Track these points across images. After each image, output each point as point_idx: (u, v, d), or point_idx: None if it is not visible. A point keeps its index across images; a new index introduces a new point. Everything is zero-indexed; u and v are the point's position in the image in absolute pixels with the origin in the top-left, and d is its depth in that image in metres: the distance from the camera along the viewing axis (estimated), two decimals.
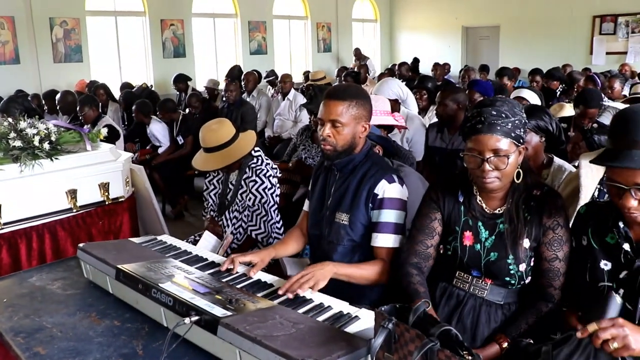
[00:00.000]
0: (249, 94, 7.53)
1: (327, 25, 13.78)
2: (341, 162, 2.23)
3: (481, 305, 1.91)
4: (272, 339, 1.40)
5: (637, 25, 11.61)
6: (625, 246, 1.67)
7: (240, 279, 1.98)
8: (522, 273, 1.87)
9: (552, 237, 1.84)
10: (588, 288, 1.75)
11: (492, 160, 1.78)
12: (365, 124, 2.19)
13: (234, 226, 3.12)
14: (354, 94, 2.18)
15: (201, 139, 3.10)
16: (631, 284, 1.64)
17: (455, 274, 1.98)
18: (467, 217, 1.96)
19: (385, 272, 2.15)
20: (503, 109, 1.79)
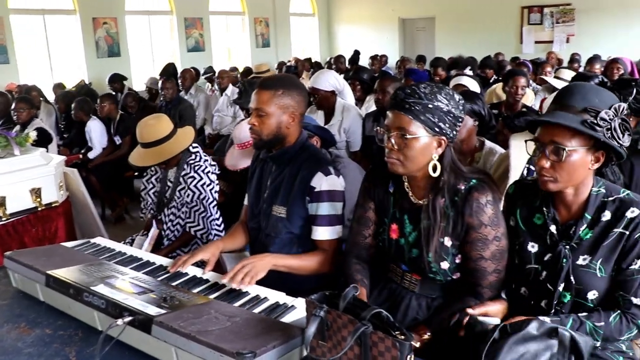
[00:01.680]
0: (186, 92, 7.42)
1: (265, 20, 13.70)
2: (276, 154, 2.22)
3: (412, 298, 1.89)
4: (207, 334, 1.40)
5: (561, 16, 12.13)
6: (551, 228, 1.70)
7: (176, 276, 1.96)
8: (446, 271, 1.81)
9: (474, 236, 1.74)
10: (518, 270, 1.78)
11: (395, 138, 1.71)
12: (294, 114, 2.15)
13: (172, 223, 3.07)
14: (282, 83, 2.16)
15: (138, 135, 3.03)
16: (554, 267, 1.68)
17: (389, 266, 1.98)
18: (395, 209, 1.90)
19: (327, 262, 2.17)
20: (422, 91, 1.70)
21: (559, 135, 1.57)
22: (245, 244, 2.44)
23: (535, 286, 1.73)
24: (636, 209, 1.61)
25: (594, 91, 1.66)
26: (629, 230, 1.61)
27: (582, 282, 1.65)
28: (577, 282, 1.65)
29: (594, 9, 11.53)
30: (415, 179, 1.82)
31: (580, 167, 1.60)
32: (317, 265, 2.16)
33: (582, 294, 1.65)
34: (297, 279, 2.15)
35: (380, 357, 1.24)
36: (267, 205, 2.26)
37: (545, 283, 1.69)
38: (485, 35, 12.42)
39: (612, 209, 1.64)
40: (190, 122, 6.33)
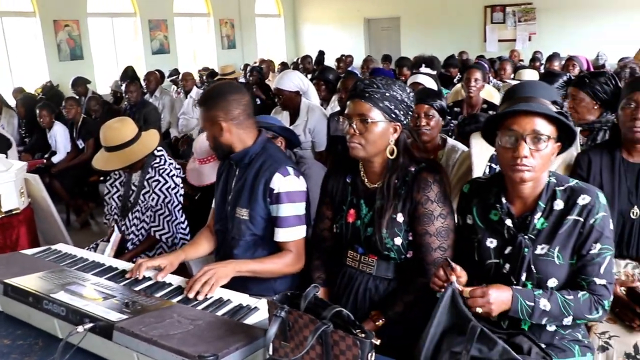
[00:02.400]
0: (151, 95, 7.34)
1: (230, 22, 13.61)
2: (237, 156, 2.24)
3: (369, 280, 1.98)
4: (169, 338, 1.39)
5: (522, 15, 12.39)
6: (507, 222, 1.75)
7: (139, 281, 1.95)
8: (399, 247, 1.92)
9: (421, 212, 1.89)
10: (478, 266, 1.82)
11: (357, 124, 1.87)
12: (224, 121, 2.15)
13: (136, 227, 3.04)
14: (207, 97, 2.23)
15: (102, 138, 2.98)
16: (515, 259, 1.72)
17: (346, 253, 2.05)
18: (352, 197, 2.04)
19: (294, 262, 2.18)
20: (379, 82, 1.89)
21: (540, 124, 1.62)
22: (210, 250, 2.42)
23: (497, 280, 1.76)
24: (587, 195, 1.68)
25: (547, 88, 1.78)
26: (582, 217, 1.67)
27: (542, 271, 1.70)
28: (537, 271, 1.70)
29: (554, 9, 11.80)
30: (370, 165, 1.98)
31: (550, 157, 1.67)
32: (283, 268, 2.17)
33: (543, 282, 1.70)
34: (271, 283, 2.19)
35: (342, 355, 1.26)
36: (231, 208, 2.27)
37: (508, 276, 1.73)
38: (449, 35, 12.59)
39: (564, 197, 1.70)
40: (155, 125, 6.25)
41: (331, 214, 2.12)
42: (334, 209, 2.11)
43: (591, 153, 2.36)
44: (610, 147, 2.32)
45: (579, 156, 2.40)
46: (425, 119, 2.78)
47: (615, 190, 2.23)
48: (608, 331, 2.03)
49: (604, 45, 9.36)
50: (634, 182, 2.23)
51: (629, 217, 2.20)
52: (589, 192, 1.68)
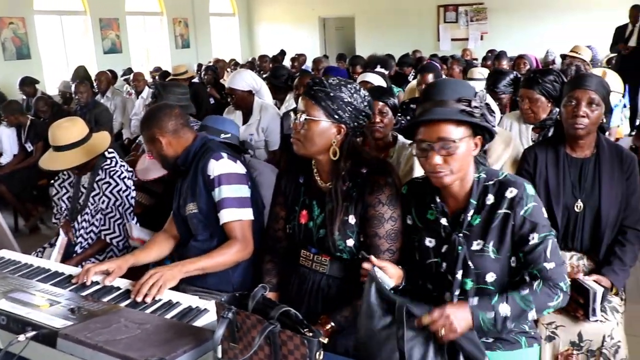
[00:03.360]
0: (102, 95, 7.18)
1: (184, 21, 13.41)
2: (181, 160, 2.31)
3: (322, 279, 1.97)
4: (115, 343, 1.37)
5: (474, 15, 12.64)
6: (442, 221, 1.77)
7: (86, 286, 1.90)
8: (352, 248, 1.91)
9: (372, 213, 1.88)
10: (420, 266, 1.84)
11: (300, 120, 1.88)
12: (162, 135, 2.27)
13: (85, 231, 2.97)
14: (145, 120, 2.35)
15: (50, 137, 2.89)
16: (451, 257, 1.75)
17: (300, 252, 2.04)
18: (305, 197, 2.04)
19: (242, 248, 2.18)
20: (328, 82, 1.89)
21: (445, 130, 1.63)
22: (164, 255, 2.40)
23: (437, 279, 1.80)
24: (514, 188, 1.69)
25: (458, 84, 1.78)
26: (511, 210, 1.68)
27: (479, 266, 1.72)
28: (474, 267, 1.72)
29: (504, 8, 12.06)
30: (320, 164, 1.98)
31: (467, 155, 1.68)
32: (231, 256, 2.17)
33: (481, 278, 1.72)
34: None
35: (291, 355, 1.25)
36: (183, 207, 2.29)
37: (446, 274, 1.76)
38: (403, 34, 12.72)
39: (494, 191, 1.72)
40: (107, 126, 6.12)
41: (285, 214, 2.10)
42: (287, 209, 2.10)
43: (537, 149, 2.42)
44: (555, 142, 2.39)
45: (526, 152, 2.47)
46: (379, 116, 2.79)
47: (560, 185, 2.30)
48: (554, 321, 2.10)
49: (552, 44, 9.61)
50: (577, 176, 2.30)
51: (574, 210, 2.28)
52: (515, 185, 1.69)
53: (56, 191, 3.12)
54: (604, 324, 2.05)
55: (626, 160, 2.28)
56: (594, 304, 2.00)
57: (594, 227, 2.27)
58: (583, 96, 2.18)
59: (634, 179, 2.28)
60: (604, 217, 2.24)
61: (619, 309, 2.14)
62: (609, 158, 2.28)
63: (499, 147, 2.65)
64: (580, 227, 2.28)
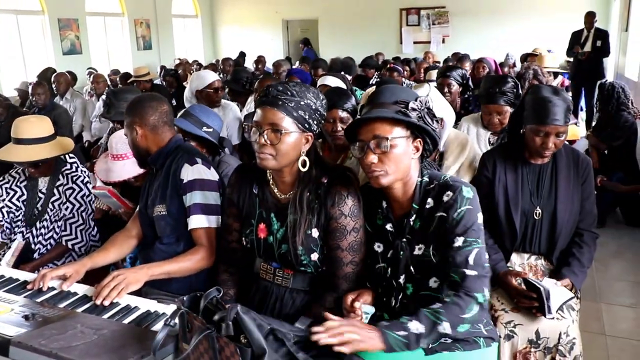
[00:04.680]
0: (61, 97, 7.03)
1: (145, 22, 13.23)
2: (152, 158, 2.28)
3: (285, 292, 1.94)
4: (70, 350, 1.35)
5: (436, 18, 12.79)
6: (387, 226, 1.80)
7: (42, 292, 1.86)
8: (316, 262, 1.87)
9: (334, 226, 1.82)
10: (371, 271, 1.86)
11: (268, 134, 1.74)
12: (139, 126, 2.25)
13: (44, 237, 2.90)
14: (127, 106, 2.32)
15: (14, 129, 2.75)
16: (395, 262, 1.77)
17: (260, 265, 2.00)
18: (261, 209, 1.94)
19: (207, 256, 2.16)
20: (292, 89, 1.76)
21: (379, 129, 1.67)
22: (123, 255, 2.38)
23: (384, 284, 1.82)
24: (450, 192, 1.69)
25: (400, 89, 1.82)
26: (446, 212, 1.68)
27: (421, 271, 1.73)
28: (417, 272, 1.74)
29: (466, 12, 12.26)
30: (280, 175, 1.87)
31: (404, 156, 1.70)
32: (197, 263, 2.15)
33: (424, 283, 1.73)
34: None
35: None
36: (151, 208, 2.27)
37: (391, 279, 1.78)
38: (367, 37, 12.82)
39: (434, 195, 1.74)
40: (66, 129, 5.98)
41: (238, 226, 2.02)
42: (240, 221, 2.01)
43: (496, 154, 2.47)
44: (514, 148, 2.42)
45: (485, 157, 2.50)
46: (340, 124, 2.74)
47: (518, 191, 2.35)
48: (513, 320, 2.15)
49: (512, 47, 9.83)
50: (535, 182, 2.35)
51: (532, 217, 2.33)
52: (452, 188, 1.69)
53: (0, 193, 2.96)
54: (560, 321, 2.11)
55: (582, 165, 2.35)
56: (548, 302, 2.06)
57: (551, 231, 2.33)
58: (552, 131, 2.20)
59: (589, 183, 2.36)
60: (560, 222, 2.30)
61: (575, 307, 2.21)
62: (566, 163, 2.35)
63: (456, 150, 2.68)
64: (538, 231, 2.35)
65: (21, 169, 2.95)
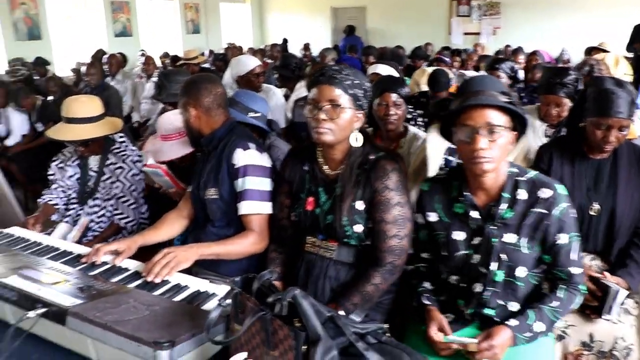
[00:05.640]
0: (112, 78, 7.18)
1: (195, 6, 13.38)
2: (205, 140, 2.31)
3: (329, 265, 1.97)
4: (124, 323, 1.37)
5: (487, 9, 12.52)
6: (473, 214, 1.79)
7: (95, 266, 1.90)
8: (360, 234, 1.93)
9: (379, 199, 1.89)
10: (447, 260, 1.86)
11: (327, 108, 1.85)
12: (194, 107, 2.27)
13: (97, 215, 2.97)
14: (184, 85, 2.34)
15: (64, 108, 2.80)
16: (484, 248, 1.77)
17: (306, 239, 2.05)
18: (310, 184, 2.04)
19: (257, 242, 2.17)
20: (347, 69, 1.90)
21: (491, 116, 1.67)
22: (174, 235, 2.40)
23: (467, 271, 1.82)
24: (547, 189, 1.74)
25: (496, 81, 1.87)
26: (546, 209, 1.73)
27: (512, 259, 1.76)
28: (507, 259, 1.76)
29: (519, 3, 11.95)
30: (331, 152, 1.97)
31: (507, 145, 1.72)
32: (246, 247, 2.17)
33: (512, 270, 1.77)
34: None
35: (281, 344, 1.24)
36: (203, 190, 2.28)
37: (477, 266, 1.78)
38: (415, 26, 12.65)
39: (526, 188, 1.76)
40: (117, 109, 6.12)
41: (289, 202, 2.11)
42: (291, 197, 2.10)
43: (553, 147, 2.39)
44: (572, 141, 2.35)
45: (542, 149, 2.43)
46: (394, 107, 2.78)
47: (575, 186, 2.27)
48: (565, 320, 2.08)
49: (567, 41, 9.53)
50: (593, 178, 2.26)
51: (588, 213, 2.24)
52: (549, 185, 1.75)
53: (53, 172, 3.05)
54: (616, 325, 2.04)
55: None
56: (613, 303, 1.99)
57: (608, 229, 2.24)
58: (615, 124, 2.12)
59: None
60: (619, 220, 2.21)
61: (632, 311, 2.12)
62: (627, 159, 2.25)
63: None
64: (595, 228, 2.25)
65: (72, 148, 3.00)
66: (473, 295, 1.81)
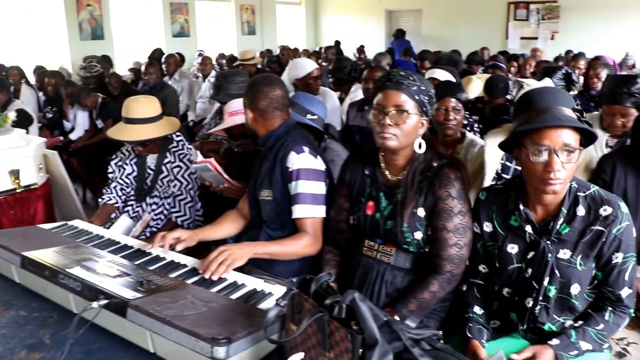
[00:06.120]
0: (170, 77, 7.36)
1: (251, 8, 13.58)
2: (261, 140, 2.33)
3: (385, 270, 1.96)
4: (183, 318, 1.39)
5: (546, 13, 12.21)
6: (527, 228, 1.75)
7: (154, 261, 1.95)
8: (419, 241, 1.92)
9: (441, 207, 1.88)
10: (500, 273, 1.82)
11: (393, 114, 1.85)
12: (250, 110, 2.32)
13: (154, 212, 3.04)
14: (248, 86, 2.38)
15: (124, 109, 2.89)
16: (538, 263, 1.72)
17: (364, 243, 2.03)
18: (371, 189, 2.03)
19: (311, 244, 2.18)
20: (413, 75, 1.90)
21: (568, 136, 1.60)
22: (234, 233, 2.44)
23: (519, 285, 1.78)
24: (608, 206, 1.67)
25: (563, 94, 1.73)
26: (606, 228, 1.66)
27: (565, 275, 1.70)
28: (560, 275, 1.70)
29: (579, 8, 11.61)
30: (394, 157, 1.97)
31: (576, 165, 1.65)
32: (301, 249, 2.18)
33: (566, 288, 1.71)
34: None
35: (336, 346, 1.24)
36: (257, 191, 2.31)
37: (530, 280, 1.74)
38: (471, 29, 12.47)
39: (586, 204, 1.70)
40: (174, 108, 6.27)
41: (348, 205, 2.10)
42: (350, 200, 2.10)
43: (617, 157, 2.32)
44: (636, 152, 2.27)
45: (603, 160, 2.36)
46: (453, 112, 2.75)
47: (639, 197, 2.19)
48: (626, 337, 2.02)
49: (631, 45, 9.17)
50: None
51: None
52: (610, 203, 1.68)
53: (112, 169, 3.14)
54: None
55: None
56: None
57: None
58: None
59: None
60: None
61: None
62: None
63: None
64: None
65: (131, 147, 3.09)
66: (525, 309, 1.76)
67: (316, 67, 4.22)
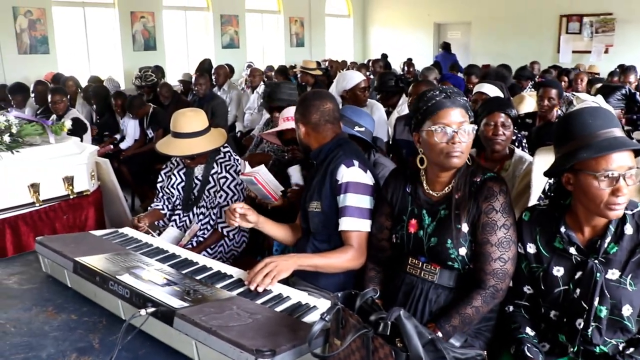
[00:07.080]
0: (219, 88, 7.49)
1: (300, 20, 13.75)
2: (313, 154, 2.37)
3: (430, 289, 1.94)
4: (228, 329, 1.41)
5: (600, 26, 11.88)
6: (572, 250, 1.71)
7: (200, 271, 1.98)
8: (464, 257, 1.88)
9: (485, 220, 1.85)
10: (545, 295, 1.78)
11: (461, 132, 1.84)
12: (303, 125, 2.36)
13: (201, 222, 3.09)
14: (300, 100, 2.44)
15: (172, 123, 2.96)
16: (586, 283, 1.67)
17: (407, 261, 2.01)
18: (413, 207, 2.01)
19: (355, 258, 2.17)
20: (457, 89, 1.93)
21: (632, 159, 1.56)
22: (286, 239, 2.45)
23: (567, 306, 1.73)
24: None
25: (612, 115, 1.69)
26: None
27: (615, 296, 1.65)
28: (610, 297, 1.65)
29: (636, 20, 11.27)
30: (441, 175, 1.95)
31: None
32: (345, 263, 2.17)
33: (617, 309, 1.65)
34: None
35: None
36: (307, 202, 2.32)
37: (579, 301, 1.68)
38: (521, 43, 12.26)
39: (634, 222, 1.66)
40: (222, 119, 6.37)
41: (390, 224, 2.09)
42: (392, 219, 2.08)
43: None
44: None
45: None
46: (502, 128, 2.71)
47: None
48: None
49: None
50: None
51: None
52: None
53: (161, 179, 3.20)
54: None
55: None
56: None
57: None
58: None
59: None
60: None
61: None
62: None
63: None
64: None
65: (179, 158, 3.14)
66: (576, 331, 1.70)
67: (364, 79, 4.22)
